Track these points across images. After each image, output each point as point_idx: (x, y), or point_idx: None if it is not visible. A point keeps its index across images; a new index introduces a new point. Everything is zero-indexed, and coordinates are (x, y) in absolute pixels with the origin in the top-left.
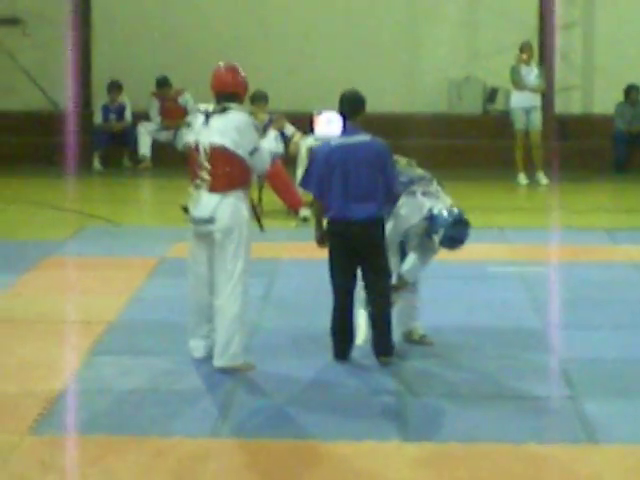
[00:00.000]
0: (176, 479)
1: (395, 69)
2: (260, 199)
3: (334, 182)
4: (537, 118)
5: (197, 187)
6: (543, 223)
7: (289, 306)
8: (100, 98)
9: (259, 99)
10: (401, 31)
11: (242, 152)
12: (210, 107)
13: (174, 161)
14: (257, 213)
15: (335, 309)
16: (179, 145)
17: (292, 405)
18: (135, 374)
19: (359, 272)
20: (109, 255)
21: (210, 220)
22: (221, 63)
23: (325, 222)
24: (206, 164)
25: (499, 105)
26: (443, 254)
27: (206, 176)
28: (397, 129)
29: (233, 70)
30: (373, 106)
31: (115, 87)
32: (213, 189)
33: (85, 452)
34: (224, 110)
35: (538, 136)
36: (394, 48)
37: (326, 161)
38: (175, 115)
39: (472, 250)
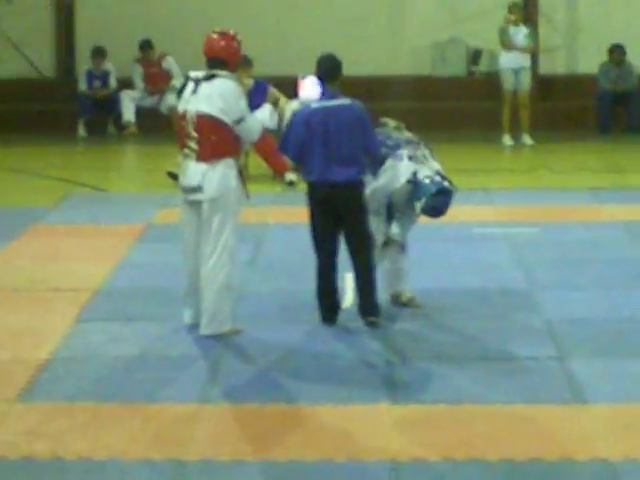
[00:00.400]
0: (164, 444)
1: (379, 32)
2: (246, 164)
3: (314, 146)
4: (526, 78)
5: (186, 156)
6: (528, 184)
7: (276, 271)
8: (84, 65)
9: (243, 64)
10: None
11: (228, 120)
12: (200, 74)
13: (159, 127)
14: (243, 180)
15: (319, 272)
16: (164, 109)
17: (280, 370)
18: (123, 341)
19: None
20: (95, 222)
21: (198, 189)
22: (216, 29)
23: (306, 185)
24: (194, 133)
25: (483, 67)
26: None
27: (194, 145)
28: (381, 92)
29: (225, 36)
30: (357, 69)
31: (99, 53)
32: (201, 158)
33: (73, 419)
34: (212, 77)
35: (526, 96)
36: (377, 11)
37: (305, 125)
38: (159, 80)
39: (458, 212)
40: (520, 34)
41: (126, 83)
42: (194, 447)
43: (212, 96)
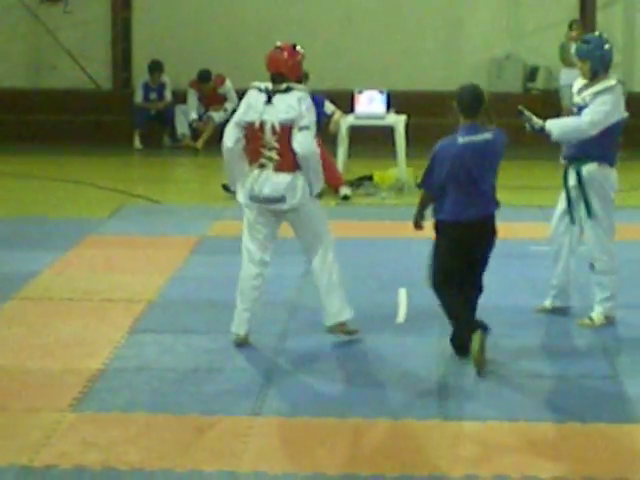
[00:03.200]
0: (216, 457)
1: (436, 47)
2: None
3: (460, 182)
4: None
5: (262, 166)
6: None
7: None
8: (140, 77)
9: None
10: (443, 9)
11: (296, 126)
12: (269, 85)
13: (214, 139)
14: None
15: (455, 307)
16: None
17: (332, 383)
18: (176, 352)
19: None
20: (149, 233)
21: (281, 199)
22: (278, 43)
23: (438, 222)
24: (275, 143)
25: (539, 84)
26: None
27: (275, 155)
28: (437, 107)
29: (284, 50)
30: (413, 84)
31: (156, 67)
32: (282, 168)
33: (126, 430)
34: (287, 90)
35: None
36: (435, 26)
37: (452, 161)
38: (214, 102)
39: (513, 229)
40: None
41: (181, 95)
42: (246, 460)
43: (291, 106)
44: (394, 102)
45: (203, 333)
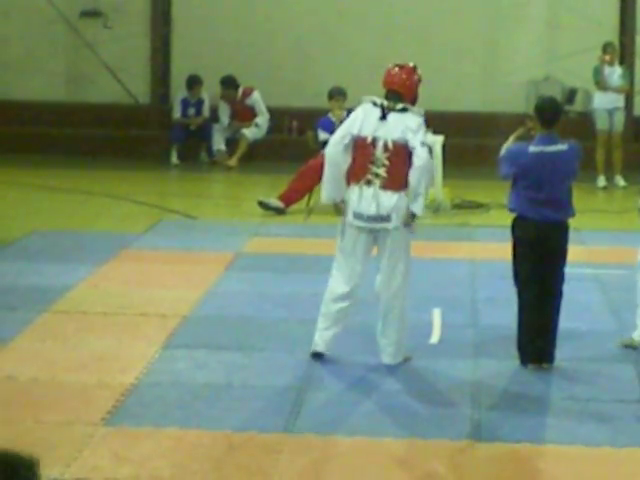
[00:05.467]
0: (248, 474)
1: (474, 68)
2: (311, 196)
3: (526, 184)
4: (620, 119)
5: (368, 183)
6: (620, 225)
7: (366, 303)
8: (178, 92)
9: (337, 95)
10: (481, 31)
11: (415, 143)
12: (384, 102)
13: (250, 156)
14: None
15: (525, 313)
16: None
17: (363, 403)
18: (209, 368)
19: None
20: (185, 249)
21: (387, 218)
22: (398, 63)
23: (510, 211)
24: (385, 161)
25: (578, 106)
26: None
27: (383, 173)
28: (476, 128)
29: (403, 70)
30: (452, 105)
31: (195, 81)
32: (389, 186)
33: (158, 444)
34: (404, 110)
35: (619, 137)
36: (474, 47)
37: (520, 165)
38: (245, 116)
39: (589, 252)
40: (614, 74)
41: (217, 113)
42: (276, 477)
43: (410, 128)
44: (431, 123)
45: (237, 349)
